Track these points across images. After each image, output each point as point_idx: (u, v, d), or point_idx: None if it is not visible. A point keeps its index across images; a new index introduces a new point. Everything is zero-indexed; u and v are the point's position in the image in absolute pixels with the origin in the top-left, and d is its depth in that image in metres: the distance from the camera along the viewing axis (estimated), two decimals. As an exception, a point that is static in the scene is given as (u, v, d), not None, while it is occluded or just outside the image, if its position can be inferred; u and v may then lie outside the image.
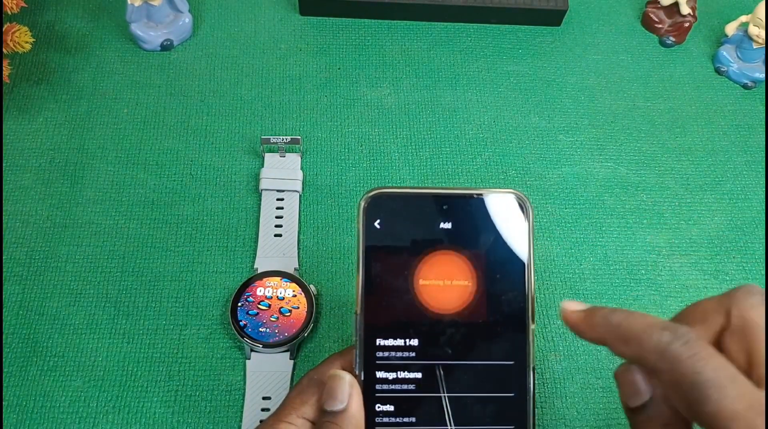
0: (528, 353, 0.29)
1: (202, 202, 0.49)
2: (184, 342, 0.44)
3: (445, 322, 0.29)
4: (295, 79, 0.56)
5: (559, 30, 0.60)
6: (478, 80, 0.57)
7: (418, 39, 0.59)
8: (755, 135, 0.56)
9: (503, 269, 0.29)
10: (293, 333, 0.43)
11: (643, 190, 0.52)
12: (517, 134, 0.54)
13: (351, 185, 0.51)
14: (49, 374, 0.42)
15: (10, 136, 0.51)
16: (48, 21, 0.57)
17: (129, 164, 0.50)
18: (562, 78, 0.58)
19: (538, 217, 0.50)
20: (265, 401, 0.42)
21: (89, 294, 0.45)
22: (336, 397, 0.28)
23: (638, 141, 0.55)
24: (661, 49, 0.60)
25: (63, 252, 0.46)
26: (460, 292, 0.29)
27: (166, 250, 0.47)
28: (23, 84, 0.54)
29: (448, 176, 0.52)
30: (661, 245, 0.50)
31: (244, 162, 0.51)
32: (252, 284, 0.44)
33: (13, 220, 0.47)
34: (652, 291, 0.48)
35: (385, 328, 0.29)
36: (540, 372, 0.44)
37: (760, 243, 0.50)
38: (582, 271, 0.48)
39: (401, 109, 0.55)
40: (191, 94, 0.54)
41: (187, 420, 0.41)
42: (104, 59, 0.56)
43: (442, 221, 0.29)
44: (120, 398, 0.42)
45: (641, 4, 0.62)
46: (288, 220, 0.48)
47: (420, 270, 0.29)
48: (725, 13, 0.62)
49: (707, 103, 0.57)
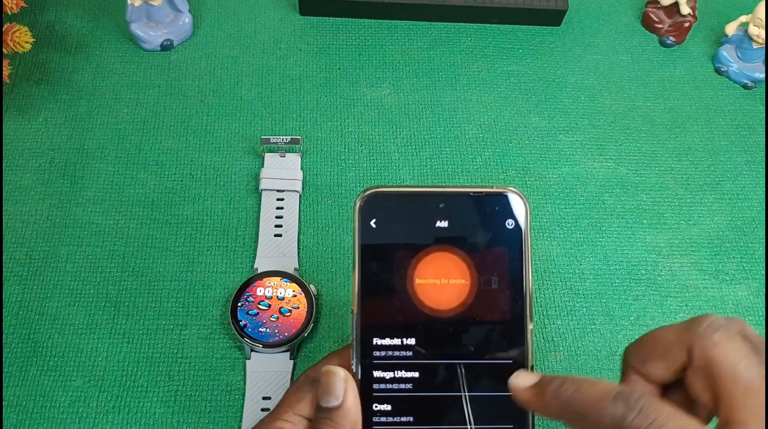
0: (526, 352, 0.29)
1: (202, 202, 0.49)
2: (184, 342, 0.44)
3: (441, 321, 0.29)
4: (295, 79, 0.56)
5: (559, 30, 0.60)
6: (478, 80, 0.57)
7: (418, 39, 0.59)
8: (755, 135, 0.56)
9: (500, 267, 0.29)
10: (293, 333, 0.43)
11: (643, 190, 0.52)
12: (517, 134, 0.54)
13: (351, 185, 0.51)
14: (49, 374, 0.42)
15: (10, 136, 0.51)
16: (48, 21, 0.57)
17: (129, 164, 0.50)
18: (562, 78, 0.58)
19: (538, 217, 0.50)
20: (265, 401, 0.42)
21: (89, 294, 0.45)
22: (331, 393, 0.28)
23: (638, 141, 0.55)
24: (661, 49, 0.60)
25: (63, 252, 0.46)
26: (457, 290, 0.29)
27: (166, 250, 0.47)
28: (23, 84, 0.54)
29: (448, 176, 0.52)
30: (661, 245, 0.50)
31: (244, 162, 0.51)
32: (252, 284, 0.44)
33: (13, 220, 0.47)
34: (652, 291, 0.48)
35: (381, 327, 0.29)
36: (539, 372, 0.44)
37: (760, 243, 0.50)
38: (582, 271, 0.48)
39: (401, 109, 0.55)
40: (191, 94, 0.54)
41: (187, 420, 0.41)
42: (104, 59, 0.56)
43: (438, 220, 0.29)
44: (120, 398, 0.42)
45: (641, 4, 0.62)
46: (288, 220, 0.48)
47: (416, 269, 0.29)
48: (725, 13, 0.62)
49: (707, 103, 0.57)
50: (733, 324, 0.26)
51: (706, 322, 0.26)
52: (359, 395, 0.28)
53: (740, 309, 0.47)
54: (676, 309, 0.47)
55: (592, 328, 0.46)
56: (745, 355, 0.25)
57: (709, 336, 0.25)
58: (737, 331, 0.26)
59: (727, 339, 0.25)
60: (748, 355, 0.25)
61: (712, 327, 0.26)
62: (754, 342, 0.26)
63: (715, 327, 0.26)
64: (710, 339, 0.25)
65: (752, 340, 0.26)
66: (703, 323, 0.26)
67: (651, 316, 0.47)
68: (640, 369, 0.28)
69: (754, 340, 0.26)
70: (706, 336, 0.25)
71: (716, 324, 0.26)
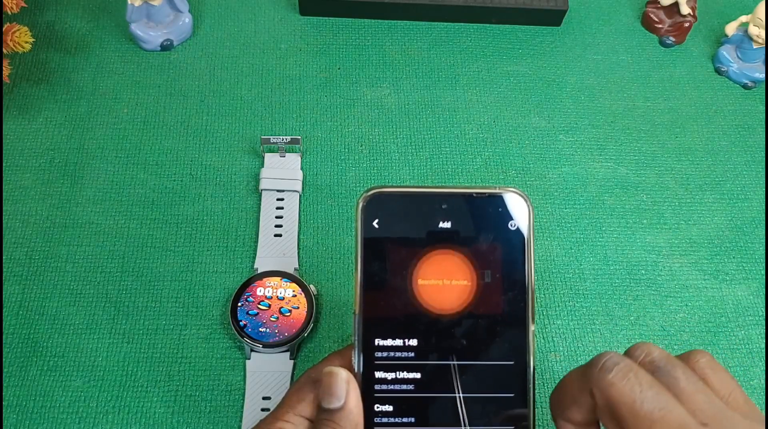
0: (528, 353, 0.29)
1: (202, 202, 0.49)
2: (184, 342, 0.44)
3: (444, 322, 0.29)
4: (295, 79, 0.56)
5: (559, 30, 0.60)
6: (478, 80, 0.57)
7: (418, 39, 0.59)
8: (755, 135, 0.56)
9: (502, 268, 0.29)
10: (293, 333, 0.43)
11: (643, 190, 0.52)
12: (517, 134, 0.54)
13: (351, 185, 0.51)
14: (49, 374, 0.42)
15: (10, 136, 0.51)
16: (48, 21, 0.57)
17: (129, 164, 0.50)
18: (562, 78, 0.58)
19: (539, 217, 0.50)
20: (265, 401, 0.42)
21: (89, 294, 0.45)
22: (333, 394, 0.27)
23: (638, 141, 0.55)
24: (661, 49, 0.60)
25: (63, 252, 0.46)
26: (459, 291, 0.29)
27: (166, 250, 0.47)
28: (23, 84, 0.54)
29: (448, 176, 0.52)
30: (661, 245, 0.50)
31: (244, 162, 0.51)
32: (252, 284, 0.44)
33: (13, 220, 0.47)
34: (652, 291, 0.48)
35: (383, 328, 0.29)
36: (540, 372, 0.44)
37: (760, 243, 0.50)
38: (582, 271, 0.48)
39: (401, 109, 0.55)
40: (191, 94, 0.54)
41: (187, 420, 0.41)
42: (104, 59, 0.56)
43: (440, 220, 0.29)
44: (120, 398, 0.42)
45: (641, 4, 0.62)
46: (288, 220, 0.48)
47: (419, 269, 0.29)
48: (725, 13, 0.62)
49: (707, 103, 0.57)
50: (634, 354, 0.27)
51: (600, 363, 0.26)
52: (361, 396, 0.28)
53: (740, 309, 0.48)
54: (676, 309, 0.47)
55: (592, 328, 0.46)
56: (642, 389, 0.25)
57: (605, 378, 0.26)
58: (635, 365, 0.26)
59: (621, 378, 0.25)
60: (646, 387, 0.25)
61: (605, 368, 0.26)
62: (660, 366, 0.26)
63: (608, 367, 0.26)
64: (606, 381, 0.26)
65: (657, 365, 0.26)
66: (597, 365, 0.26)
67: (651, 316, 0.47)
68: (560, 415, 0.28)
69: (660, 363, 0.26)
70: (601, 378, 0.26)
71: (610, 363, 0.26)
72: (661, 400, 0.25)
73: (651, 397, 0.25)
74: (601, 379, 0.26)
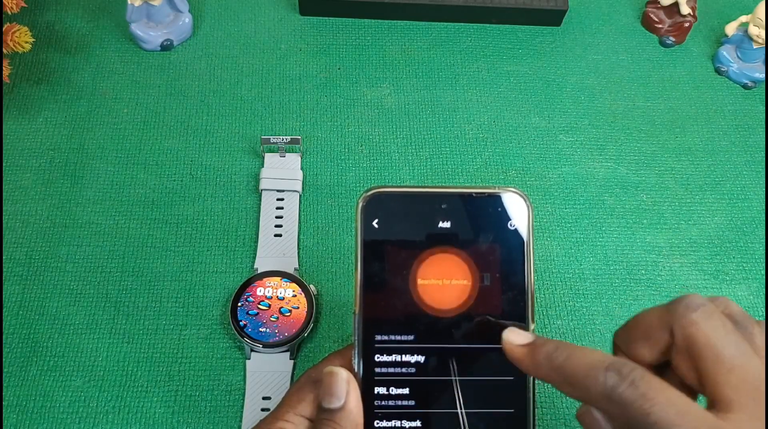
0: None
1: (202, 202, 0.49)
2: (184, 342, 0.44)
3: (443, 322, 0.29)
4: (295, 79, 0.56)
5: (559, 30, 0.60)
6: (478, 80, 0.57)
7: (418, 39, 0.59)
8: (755, 135, 0.56)
9: (502, 268, 0.29)
10: (293, 333, 0.43)
11: (643, 190, 0.52)
12: (517, 134, 0.54)
13: (351, 185, 0.51)
14: (49, 374, 0.42)
15: (10, 136, 0.51)
16: (48, 21, 0.57)
17: (129, 164, 0.50)
18: (562, 78, 0.58)
19: (539, 217, 0.50)
20: (265, 401, 0.42)
21: (89, 294, 0.45)
22: (333, 394, 0.27)
23: (638, 141, 0.55)
24: (661, 49, 0.60)
25: (63, 252, 0.46)
26: (459, 291, 0.29)
27: (166, 250, 0.47)
28: (23, 84, 0.54)
29: (448, 176, 0.52)
30: (661, 245, 0.50)
31: (244, 162, 0.51)
32: (252, 284, 0.44)
33: (13, 220, 0.47)
34: (652, 291, 0.48)
35: (383, 327, 0.29)
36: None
37: (760, 243, 0.50)
38: (582, 271, 0.48)
39: (401, 109, 0.55)
40: (191, 94, 0.54)
41: (187, 420, 0.41)
42: (104, 59, 0.56)
43: (440, 220, 0.29)
44: (120, 398, 0.42)
45: (641, 4, 0.62)
46: (288, 220, 0.48)
47: (418, 269, 0.29)
48: (725, 13, 0.62)
49: (707, 103, 0.57)
50: (714, 302, 0.26)
51: (684, 302, 0.26)
52: (361, 396, 0.28)
53: (740, 309, 0.47)
54: (676, 309, 0.47)
55: (592, 328, 0.46)
56: (725, 332, 0.25)
57: (688, 315, 0.25)
58: (718, 310, 0.26)
59: (706, 318, 0.25)
60: (729, 332, 0.25)
61: (691, 306, 0.25)
62: (738, 319, 0.26)
63: (694, 306, 0.25)
64: (689, 318, 0.25)
65: (735, 318, 0.26)
66: (682, 303, 0.26)
67: (651, 316, 0.47)
68: (626, 351, 0.28)
69: (738, 317, 0.26)
70: (685, 315, 0.25)
71: (695, 303, 0.26)
72: (742, 348, 0.24)
73: (734, 342, 0.25)
74: (685, 316, 0.25)
